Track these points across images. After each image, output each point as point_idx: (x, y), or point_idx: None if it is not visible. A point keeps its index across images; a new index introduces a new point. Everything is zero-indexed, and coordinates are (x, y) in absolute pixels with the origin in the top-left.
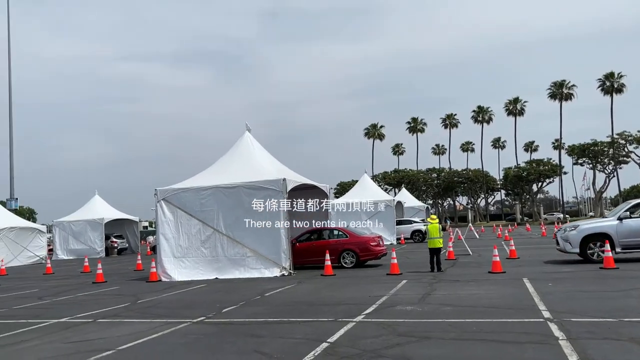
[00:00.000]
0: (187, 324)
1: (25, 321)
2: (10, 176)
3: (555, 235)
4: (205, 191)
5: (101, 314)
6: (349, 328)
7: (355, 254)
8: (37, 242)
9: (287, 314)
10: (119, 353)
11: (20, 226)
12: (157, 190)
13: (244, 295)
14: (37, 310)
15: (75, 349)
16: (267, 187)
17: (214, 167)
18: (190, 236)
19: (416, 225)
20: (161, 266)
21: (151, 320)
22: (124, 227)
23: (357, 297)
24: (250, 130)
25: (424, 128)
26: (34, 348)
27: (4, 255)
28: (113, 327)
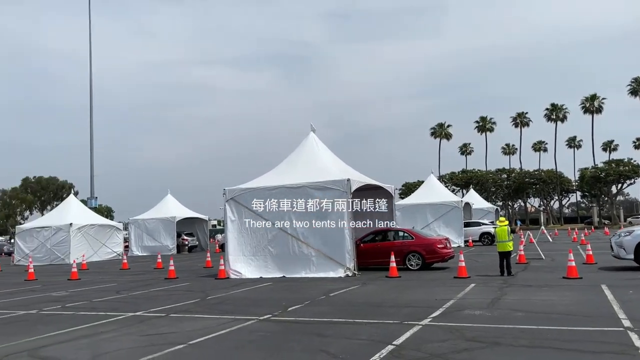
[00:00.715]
0: (254, 321)
1: (105, 313)
2: (90, 176)
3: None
4: (272, 191)
5: (173, 308)
6: (415, 331)
7: (421, 256)
8: (115, 239)
9: (352, 314)
10: (190, 347)
11: (100, 224)
12: (225, 190)
13: (309, 294)
14: (115, 303)
15: (150, 341)
16: (331, 187)
17: (280, 167)
18: (257, 235)
19: (485, 227)
20: (229, 264)
21: (220, 317)
22: (194, 226)
23: (423, 299)
24: (315, 131)
25: (493, 127)
26: (113, 339)
27: (85, 250)
28: (184, 321)
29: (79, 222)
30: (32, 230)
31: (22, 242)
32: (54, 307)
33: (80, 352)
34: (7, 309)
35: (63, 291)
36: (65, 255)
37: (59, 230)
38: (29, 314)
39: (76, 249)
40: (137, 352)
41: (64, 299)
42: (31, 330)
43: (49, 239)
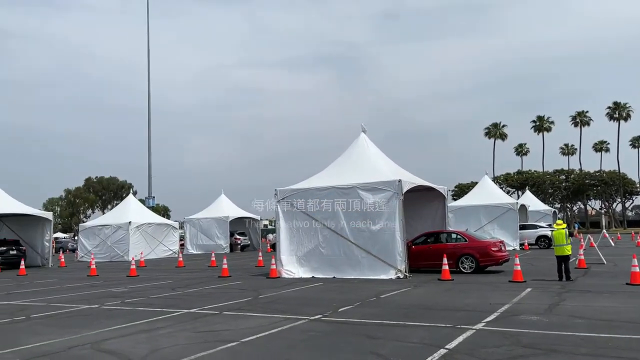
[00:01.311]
0: (305, 321)
1: (161, 310)
2: (148, 177)
3: None
4: (322, 191)
5: (226, 306)
6: (468, 335)
7: (474, 259)
8: (171, 237)
9: (403, 317)
10: (242, 345)
11: (157, 222)
12: (277, 190)
13: (359, 295)
14: (171, 300)
15: (204, 338)
16: (382, 188)
17: (331, 168)
18: (308, 235)
19: (542, 230)
20: (281, 263)
21: (271, 315)
22: (246, 225)
23: (476, 303)
24: (365, 132)
25: (550, 127)
26: (169, 335)
27: (142, 248)
28: (237, 319)
29: (138, 221)
30: (94, 228)
31: (85, 240)
32: (114, 302)
33: (139, 346)
34: (71, 303)
35: (122, 287)
36: (124, 253)
37: (118, 228)
38: (92, 309)
39: (135, 246)
40: (192, 349)
41: (123, 295)
42: (93, 324)
43: (110, 236)
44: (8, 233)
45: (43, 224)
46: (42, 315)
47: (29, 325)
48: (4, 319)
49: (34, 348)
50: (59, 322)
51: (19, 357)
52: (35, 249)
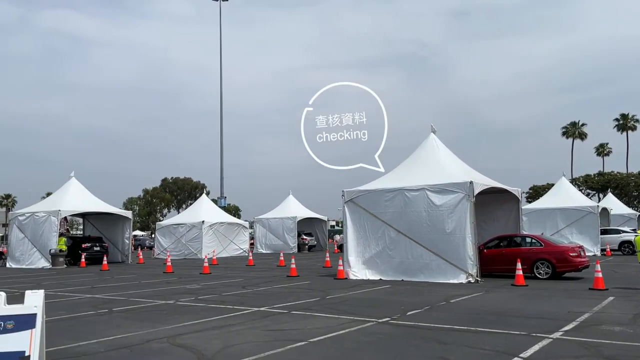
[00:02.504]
0: (373, 324)
1: (232, 307)
2: (220, 177)
3: None
4: (390, 193)
5: (295, 306)
6: (544, 344)
7: (550, 264)
8: (241, 236)
9: (474, 322)
10: (311, 345)
11: (228, 222)
12: (344, 191)
13: (428, 299)
14: (241, 298)
15: (273, 337)
16: (452, 189)
17: (399, 169)
18: (375, 237)
19: (625, 235)
20: (348, 265)
21: (339, 317)
22: (314, 225)
23: (553, 311)
24: (435, 132)
25: (635, 125)
26: (240, 332)
27: (215, 246)
28: (305, 319)
29: (210, 220)
30: (169, 227)
31: (161, 238)
32: (188, 298)
33: (211, 342)
34: (149, 298)
35: (196, 284)
36: (197, 251)
37: (192, 227)
38: (167, 304)
39: (207, 245)
40: (262, 346)
41: (196, 292)
42: (169, 319)
43: (184, 235)
44: (92, 230)
45: (123, 222)
46: (122, 309)
47: (111, 318)
48: (89, 312)
49: (115, 340)
50: (138, 316)
51: (103, 347)
52: (116, 245)
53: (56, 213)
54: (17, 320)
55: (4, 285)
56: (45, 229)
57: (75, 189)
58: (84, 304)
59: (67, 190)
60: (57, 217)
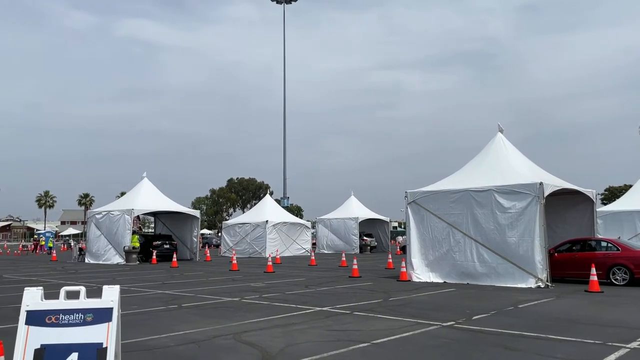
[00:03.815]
0: (437, 327)
1: (295, 306)
2: (283, 178)
3: None
4: (455, 194)
5: (357, 307)
6: (620, 355)
7: (628, 270)
8: (304, 236)
9: (544, 329)
10: (374, 346)
11: (291, 222)
12: (407, 192)
13: (495, 304)
14: (304, 297)
15: (336, 337)
16: (521, 191)
17: (465, 170)
18: (439, 239)
19: None
20: (411, 266)
21: (402, 319)
22: (376, 226)
23: (631, 320)
24: (502, 131)
25: None
26: (303, 331)
27: (278, 246)
28: (368, 320)
29: (274, 220)
30: (235, 226)
31: (227, 236)
32: (253, 296)
33: (275, 340)
34: (216, 295)
35: (260, 282)
36: (262, 250)
37: (257, 226)
38: (233, 301)
39: (271, 244)
40: (325, 346)
41: (261, 290)
42: (234, 316)
43: (249, 234)
44: (163, 228)
45: (192, 220)
46: (191, 305)
47: (180, 314)
48: (160, 307)
49: (184, 335)
50: (205, 312)
51: (172, 341)
52: (185, 243)
53: (130, 212)
54: (95, 313)
55: (83, 279)
56: (120, 227)
57: (147, 188)
58: (155, 299)
59: (140, 190)
60: (130, 216)
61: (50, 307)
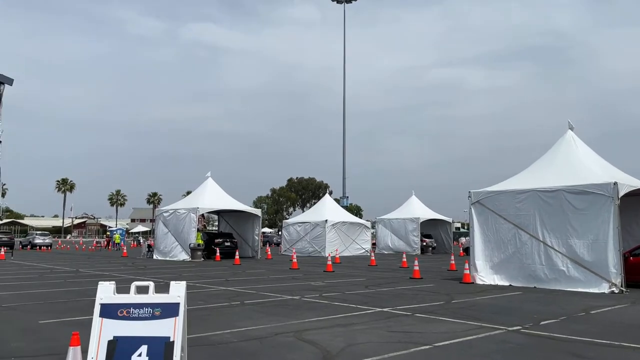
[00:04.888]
0: (502, 331)
1: (355, 306)
2: (343, 177)
3: None
4: (522, 194)
5: (418, 308)
6: None
7: None
8: (363, 236)
9: (620, 337)
10: (435, 349)
11: (350, 221)
12: (470, 192)
13: (564, 309)
14: (364, 297)
15: (397, 338)
16: (593, 191)
17: (532, 169)
18: (505, 241)
19: None
20: (475, 269)
21: (465, 322)
22: (437, 227)
23: None
24: (573, 129)
25: None
26: (363, 332)
27: (337, 245)
28: (429, 323)
29: (333, 219)
30: (295, 225)
31: (287, 235)
32: (313, 295)
33: (336, 340)
34: (276, 293)
35: (320, 281)
36: (321, 249)
37: (316, 225)
38: (293, 300)
39: (330, 243)
40: (385, 347)
41: (320, 289)
42: (295, 314)
43: (308, 233)
44: (226, 226)
45: (253, 219)
46: (253, 302)
47: (242, 310)
48: (223, 303)
49: (247, 331)
50: (267, 310)
51: (235, 337)
52: (247, 241)
53: (195, 210)
54: (163, 308)
55: (151, 275)
56: (186, 225)
57: (212, 188)
58: (219, 295)
59: (205, 189)
60: (195, 214)
61: (122, 300)
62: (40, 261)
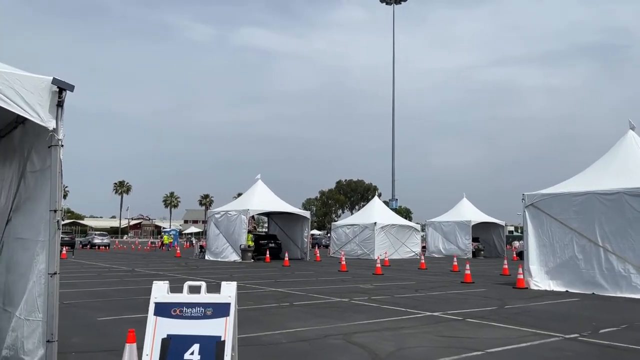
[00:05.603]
0: (559, 339)
1: (405, 310)
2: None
3: None
4: (579, 197)
5: (469, 313)
6: None
7: None
8: (413, 239)
9: None
10: (488, 355)
11: (400, 224)
12: (524, 195)
13: (626, 317)
14: (414, 301)
15: (447, 343)
16: None
17: (590, 171)
18: (561, 245)
19: None
20: (529, 274)
21: (519, 328)
22: (490, 230)
23: None
24: (634, 128)
25: None
26: (413, 335)
27: (387, 248)
28: (481, 328)
29: (382, 222)
30: (344, 227)
31: (336, 237)
32: (361, 298)
33: (385, 343)
34: (325, 295)
35: (369, 284)
36: (370, 252)
37: (365, 228)
38: (342, 302)
39: (379, 246)
40: (436, 352)
41: (369, 292)
42: (344, 317)
43: (357, 235)
44: (275, 228)
45: (302, 221)
46: (302, 304)
47: (292, 311)
48: (273, 304)
49: (296, 332)
50: (316, 311)
51: (285, 338)
52: (296, 243)
53: (245, 212)
54: (214, 307)
55: (202, 275)
56: (237, 226)
57: (261, 190)
58: (268, 296)
59: (255, 191)
60: (246, 216)
61: (175, 300)
62: (98, 260)
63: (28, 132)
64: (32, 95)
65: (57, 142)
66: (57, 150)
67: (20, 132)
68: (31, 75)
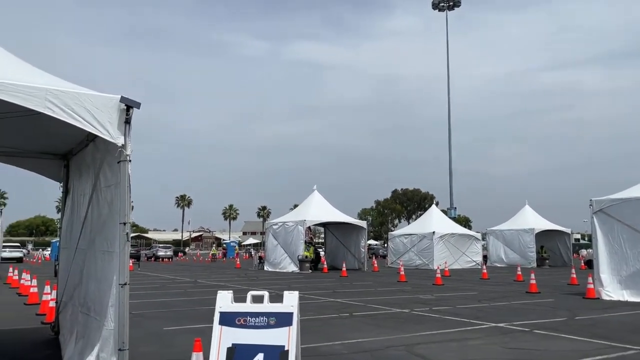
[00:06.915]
0: (638, 352)
1: (468, 320)
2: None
3: None
4: None
5: (537, 324)
6: None
7: None
8: (473, 248)
9: None
10: None
11: (459, 233)
12: (592, 200)
13: None
14: (477, 312)
15: (514, 355)
16: None
17: None
18: (635, 252)
19: None
20: (600, 283)
21: (592, 340)
22: (554, 238)
23: None
24: None
25: None
26: (477, 347)
27: (446, 258)
28: (550, 340)
29: (441, 231)
30: (401, 237)
31: (393, 247)
32: (422, 308)
33: (448, 354)
34: (385, 305)
35: (429, 295)
36: (429, 261)
37: (423, 237)
38: (403, 312)
39: (439, 255)
40: None
41: (430, 302)
42: (405, 328)
43: (415, 245)
44: (332, 239)
45: (358, 231)
46: (362, 314)
47: (352, 322)
48: (332, 314)
49: (357, 343)
50: (376, 322)
51: (346, 349)
52: (353, 253)
53: (302, 222)
54: (277, 317)
55: (262, 286)
56: (294, 237)
57: (318, 200)
58: (328, 306)
59: (311, 202)
60: (303, 226)
61: (240, 309)
62: (162, 272)
63: (99, 149)
64: (102, 114)
65: (125, 157)
66: (125, 165)
67: (92, 149)
68: (100, 94)
